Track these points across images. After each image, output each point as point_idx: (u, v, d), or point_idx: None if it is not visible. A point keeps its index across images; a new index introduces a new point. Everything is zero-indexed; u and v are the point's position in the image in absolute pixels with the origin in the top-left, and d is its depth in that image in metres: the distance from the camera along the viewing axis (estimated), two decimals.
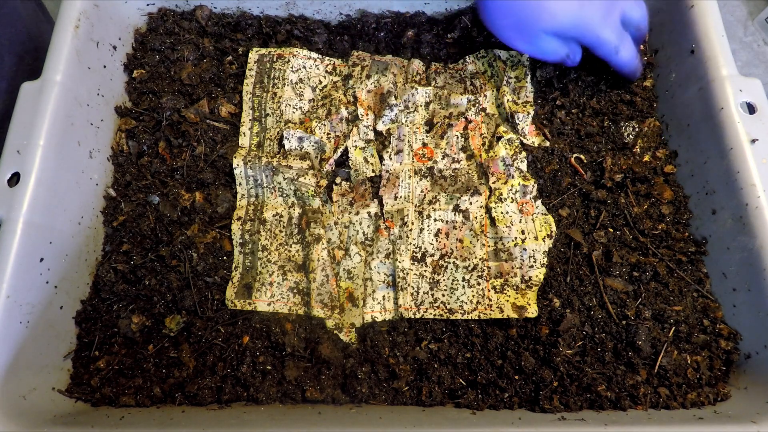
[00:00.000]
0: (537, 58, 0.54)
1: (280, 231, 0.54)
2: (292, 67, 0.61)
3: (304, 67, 0.61)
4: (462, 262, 0.52)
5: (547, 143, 0.58)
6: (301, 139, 0.57)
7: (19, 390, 0.44)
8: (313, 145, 0.57)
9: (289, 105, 0.59)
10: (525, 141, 0.58)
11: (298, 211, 0.55)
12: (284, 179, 0.55)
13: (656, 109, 0.60)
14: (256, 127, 0.59)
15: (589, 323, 0.50)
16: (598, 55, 0.53)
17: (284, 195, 0.55)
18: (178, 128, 0.58)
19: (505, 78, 0.60)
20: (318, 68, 0.61)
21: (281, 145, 0.57)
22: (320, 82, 0.61)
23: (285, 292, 0.52)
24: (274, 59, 0.61)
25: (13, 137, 0.48)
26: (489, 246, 0.53)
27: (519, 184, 0.55)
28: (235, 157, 0.56)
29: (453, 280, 0.52)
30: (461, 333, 0.50)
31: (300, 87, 0.60)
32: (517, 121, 0.58)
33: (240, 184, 0.56)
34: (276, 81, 0.60)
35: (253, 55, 0.61)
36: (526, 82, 0.60)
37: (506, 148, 0.57)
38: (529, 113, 0.58)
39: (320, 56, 0.62)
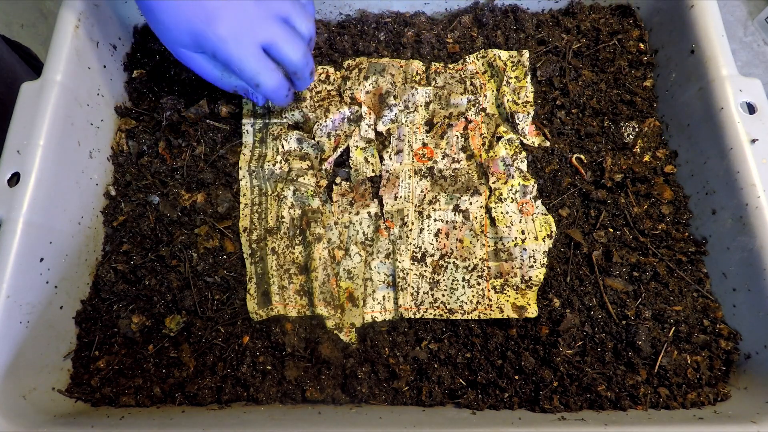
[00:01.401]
0: (206, 79, 0.50)
1: (284, 234, 0.54)
2: None
3: None
4: (462, 262, 0.52)
5: (547, 143, 0.58)
6: (299, 140, 0.57)
7: (19, 390, 0.44)
8: (312, 146, 0.57)
9: (290, 110, 0.59)
10: (525, 141, 0.58)
11: (298, 212, 0.55)
12: (285, 182, 0.55)
13: (656, 109, 0.60)
14: (258, 135, 0.58)
15: (589, 323, 0.50)
16: (243, 79, 0.48)
17: (283, 197, 0.55)
18: (178, 128, 0.58)
19: (505, 78, 0.60)
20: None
21: (282, 152, 0.57)
22: (314, 87, 0.61)
23: (292, 296, 0.52)
24: None
25: (13, 137, 0.48)
26: (489, 246, 0.53)
27: (519, 184, 0.55)
28: (240, 167, 0.56)
29: (453, 280, 0.52)
30: (461, 333, 0.50)
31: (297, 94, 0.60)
32: (517, 121, 0.58)
33: (244, 194, 0.56)
34: None
35: None
36: (527, 82, 0.60)
37: (506, 148, 0.57)
38: (529, 113, 0.58)
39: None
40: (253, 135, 0.58)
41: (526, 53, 0.61)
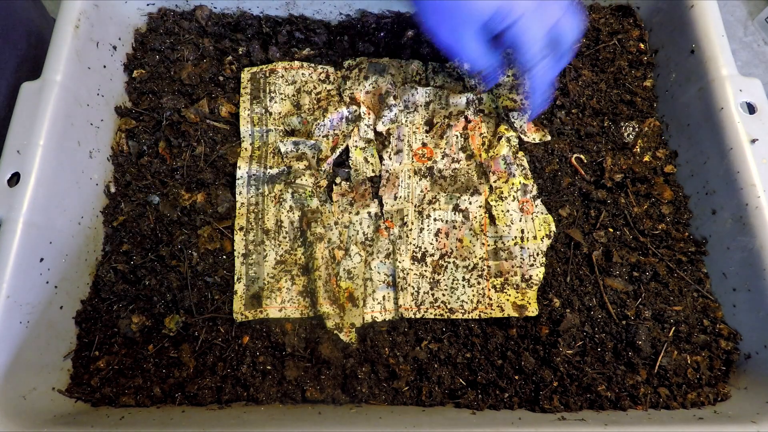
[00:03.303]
0: (463, 60, 0.51)
1: (284, 237, 0.54)
2: (286, 81, 0.60)
3: (299, 78, 0.61)
4: (462, 262, 0.52)
5: (549, 137, 0.58)
6: (296, 143, 0.57)
7: (19, 390, 0.44)
8: (309, 147, 0.57)
9: (290, 115, 0.59)
10: (525, 138, 0.58)
11: (297, 214, 0.55)
12: (283, 184, 0.55)
13: (656, 109, 0.60)
14: (257, 142, 0.58)
15: (589, 323, 0.50)
16: (519, 60, 0.49)
17: (282, 200, 0.55)
18: (178, 128, 0.58)
19: (503, 79, 0.60)
20: (312, 76, 0.61)
21: (280, 153, 0.57)
22: (314, 88, 0.61)
23: (295, 297, 0.52)
24: (267, 75, 0.61)
25: (13, 137, 0.48)
26: (489, 245, 0.53)
27: (520, 183, 0.55)
28: (239, 167, 0.56)
29: (453, 280, 0.52)
30: (461, 333, 0.50)
31: (296, 97, 0.60)
32: (513, 119, 0.58)
33: (240, 192, 0.56)
34: (273, 95, 0.60)
35: (246, 75, 0.61)
36: (525, 79, 0.60)
37: (508, 147, 0.56)
38: (526, 111, 0.58)
39: (313, 66, 0.62)
40: (252, 138, 0.58)
41: None
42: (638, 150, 0.58)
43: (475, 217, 0.54)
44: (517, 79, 0.60)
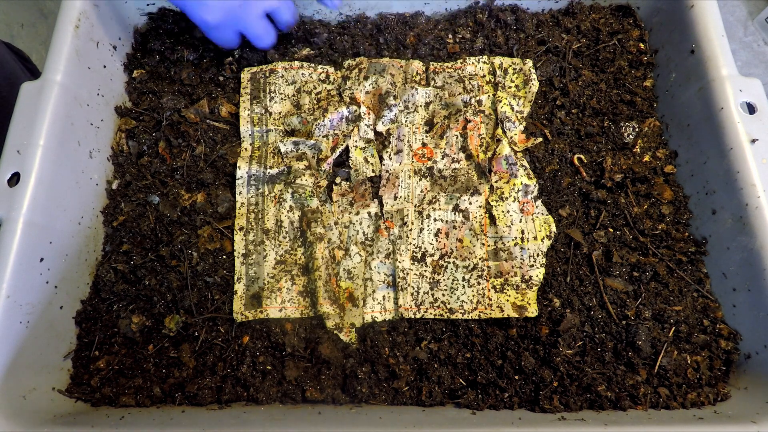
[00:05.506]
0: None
1: (284, 237, 0.54)
2: (286, 80, 0.60)
3: (299, 78, 0.61)
4: (462, 262, 0.52)
5: (539, 140, 0.58)
6: (296, 143, 0.57)
7: (19, 390, 0.44)
8: (309, 147, 0.57)
9: (290, 115, 0.59)
10: (515, 149, 0.57)
11: (297, 214, 0.55)
12: (283, 184, 0.55)
13: (656, 109, 0.60)
14: (257, 142, 0.58)
15: (589, 323, 0.50)
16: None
17: (282, 200, 0.55)
18: (178, 128, 0.58)
19: (505, 83, 0.60)
20: (312, 76, 0.61)
21: (280, 153, 0.57)
22: (314, 88, 0.61)
23: (295, 297, 0.52)
24: (267, 74, 0.61)
25: (13, 137, 0.48)
26: (489, 246, 0.53)
27: (522, 183, 0.55)
28: (239, 167, 0.56)
29: (453, 280, 0.52)
30: (461, 333, 0.50)
31: (296, 97, 0.60)
32: (505, 129, 0.57)
33: (240, 192, 0.56)
34: (273, 95, 0.60)
35: (246, 75, 0.61)
36: (526, 92, 0.60)
37: (510, 147, 0.56)
38: (521, 122, 0.58)
39: (313, 65, 0.62)
40: (252, 138, 0.58)
41: (529, 62, 0.61)
42: (638, 150, 0.58)
43: (475, 218, 0.54)
44: (519, 90, 0.60)
